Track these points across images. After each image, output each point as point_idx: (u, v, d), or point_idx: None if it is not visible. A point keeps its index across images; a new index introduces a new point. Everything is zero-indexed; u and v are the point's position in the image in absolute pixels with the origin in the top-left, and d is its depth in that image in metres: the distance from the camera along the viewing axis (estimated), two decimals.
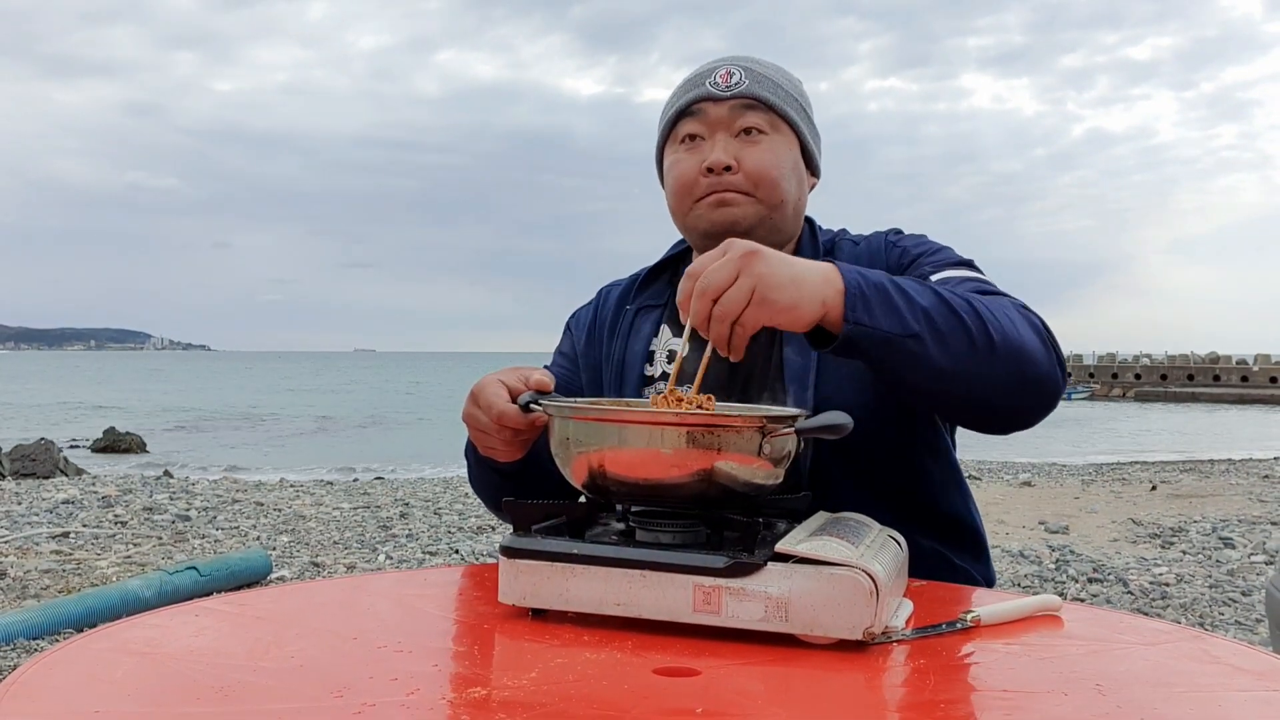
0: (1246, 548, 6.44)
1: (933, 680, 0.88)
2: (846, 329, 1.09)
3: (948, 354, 1.13)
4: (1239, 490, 9.89)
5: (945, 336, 1.13)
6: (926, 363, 1.13)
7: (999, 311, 1.18)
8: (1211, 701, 0.85)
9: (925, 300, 1.13)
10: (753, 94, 1.40)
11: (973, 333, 1.14)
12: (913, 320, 1.11)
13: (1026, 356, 1.18)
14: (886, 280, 1.14)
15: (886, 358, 1.13)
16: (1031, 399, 1.22)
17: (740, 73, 1.41)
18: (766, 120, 1.40)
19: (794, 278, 1.08)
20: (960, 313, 1.14)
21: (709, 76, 1.42)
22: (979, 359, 1.15)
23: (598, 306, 1.62)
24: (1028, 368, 1.18)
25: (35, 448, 11.58)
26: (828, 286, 1.09)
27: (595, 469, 1.04)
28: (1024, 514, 8.09)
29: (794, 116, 1.43)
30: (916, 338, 1.11)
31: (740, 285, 1.05)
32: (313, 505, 8.19)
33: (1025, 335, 1.19)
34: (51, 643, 3.92)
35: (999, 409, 1.23)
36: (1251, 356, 53.95)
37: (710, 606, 0.96)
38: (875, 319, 1.10)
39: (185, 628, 1.00)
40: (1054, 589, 5.24)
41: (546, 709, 0.77)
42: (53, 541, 6.23)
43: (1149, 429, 27.88)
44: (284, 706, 0.78)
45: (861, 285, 1.10)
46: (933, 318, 1.13)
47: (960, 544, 1.42)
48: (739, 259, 1.06)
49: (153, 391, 54.29)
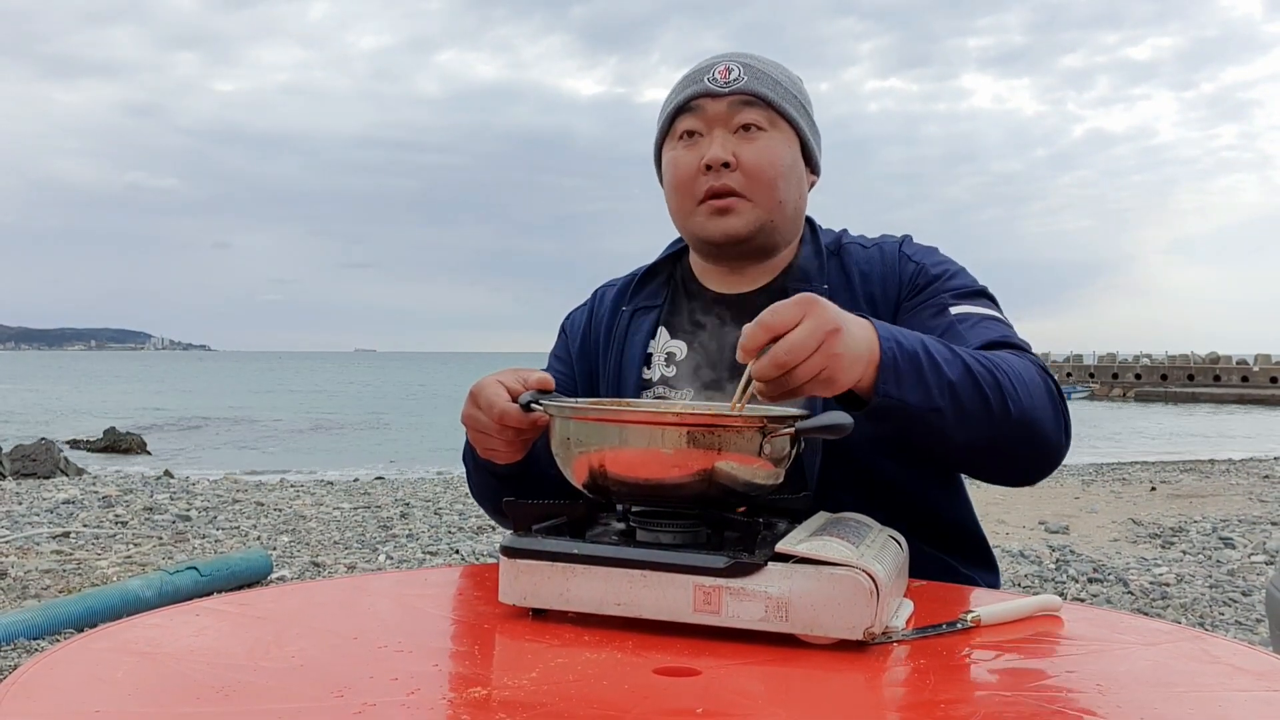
0: (1247, 548, 6.44)
1: (933, 680, 0.88)
2: (876, 400, 1.09)
3: (964, 427, 1.15)
4: (1239, 490, 9.90)
5: (966, 411, 1.14)
6: (942, 434, 1.15)
7: (1019, 381, 1.18)
8: (1212, 702, 0.85)
9: (954, 373, 1.13)
10: (752, 90, 1.39)
11: (992, 408, 1.15)
12: (938, 395, 1.12)
13: (1038, 428, 1.19)
14: (920, 348, 1.13)
15: (906, 427, 1.14)
16: (1035, 465, 1.25)
17: (739, 69, 1.40)
18: (765, 117, 1.39)
19: (857, 356, 1.06)
20: (985, 387, 1.15)
21: (708, 72, 1.41)
22: (993, 431, 1.16)
23: (593, 308, 1.60)
24: (1037, 439, 1.20)
25: (36, 448, 11.59)
26: (869, 356, 1.08)
27: (596, 469, 1.04)
28: (1024, 514, 8.09)
29: (793, 113, 1.42)
30: (938, 412, 1.12)
31: (814, 362, 1.01)
32: (313, 505, 8.19)
33: (1039, 405, 1.20)
34: (52, 643, 3.92)
35: (1001, 472, 1.27)
36: (1252, 356, 53.93)
37: (710, 606, 0.96)
38: (903, 391, 1.10)
39: (186, 628, 1.00)
40: (1054, 589, 5.24)
41: (547, 709, 0.77)
42: (53, 541, 6.23)
43: (1149, 429, 27.88)
44: (284, 706, 0.78)
45: (896, 355, 1.10)
46: (958, 393, 1.13)
47: (965, 552, 1.41)
48: (823, 334, 1.01)
49: (154, 392, 54.28)
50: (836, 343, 1.02)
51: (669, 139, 1.45)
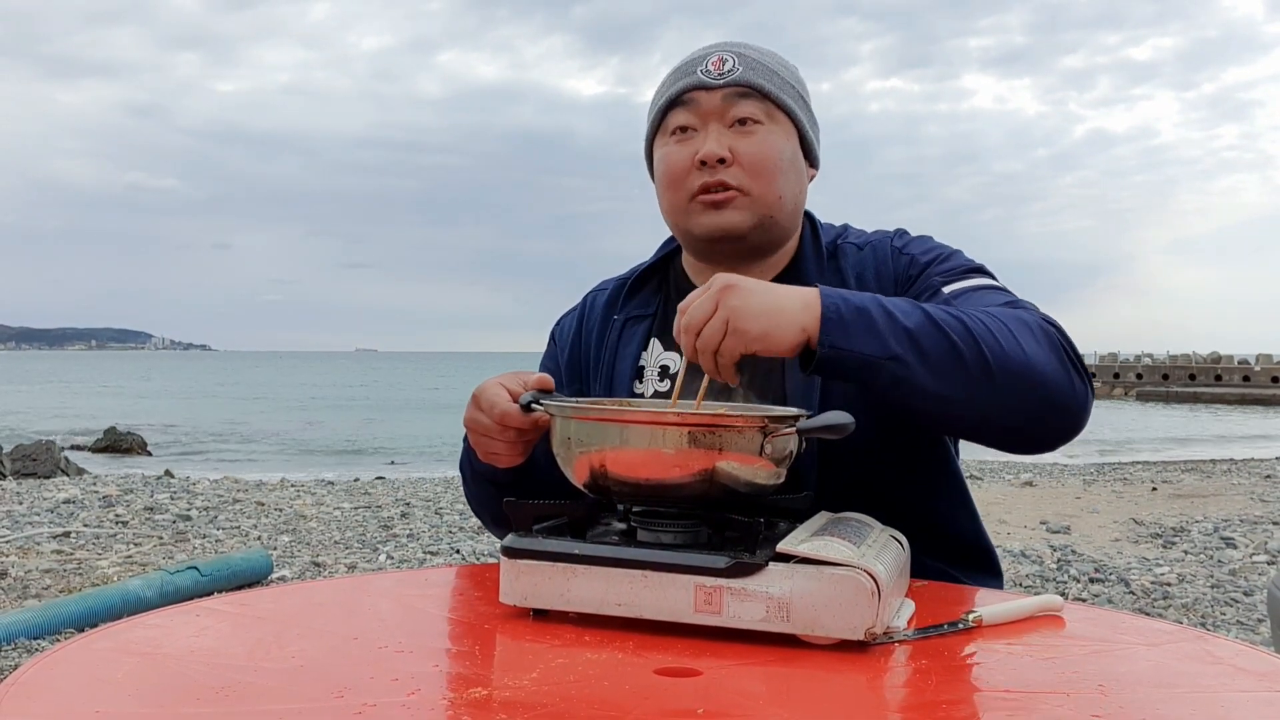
0: (1248, 548, 6.44)
1: (934, 681, 0.88)
2: (823, 351, 1.10)
3: (936, 376, 1.11)
4: (1241, 490, 9.89)
5: (930, 358, 1.11)
6: (912, 385, 1.11)
7: (1000, 329, 1.13)
8: (1213, 702, 0.85)
9: (910, 322, 1.12)
10: (747, 81, 1.33)
11: (963, 353, 1.11)
12: (894, 342, 1.10)
13: (1035, 377, 1.13)
14: (871, 302, 1.13)
15: (870, 380, 1.12)
16: (1045, 421, 1.16)
17: (733, 59, 1.34)
18: (762, 109, 1.34)
19: (768, 307, 1.11)
20: (949, 332, 1.11)
21: (700, 64, 1.35)
22: (974, 380, 1.11)
23: (583, 315, 1.56)
24: (1038, 389, 1.13)
25: (36, 448, 11.59)
26: (806, 312, 1.11)
27: (597, 469, 1.04)
28: (1025, 514, 8.08)
29: (791, 105, 1.36)
30: (897, 359, 1.10)
31: (716, 319, 1.09)
32: (313, 505, 8.19)
33: (1033, 353, 1.13)
34: (52, 643, 3.92)
35: (1010, 432, 1.19)
36: (1253, 356, 53.90)
37: (711, 607, 0.95)
38: (852, 341, 1.10)
39: (186, 628, 1.00)
40: (1055, 589, 5.24)
41: (547, 709, 0.77)
42: (54, 541, 6.23)
43: (1150, 429, 27.87)
44: (285, 707, 0.78)
45: (840, 309, 1.11)
46: (916, 339, 1.11)
47: (969, 563, 1.39)
48: (716, 293, 1.10)
49: (155, 393, 54.34)
50: (731, 295, 1.10)
51: (660, 134, 1.39)
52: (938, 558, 1.32)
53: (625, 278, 1.54)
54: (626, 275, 1.55)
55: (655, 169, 1.41)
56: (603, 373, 1.47)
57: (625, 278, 1.54)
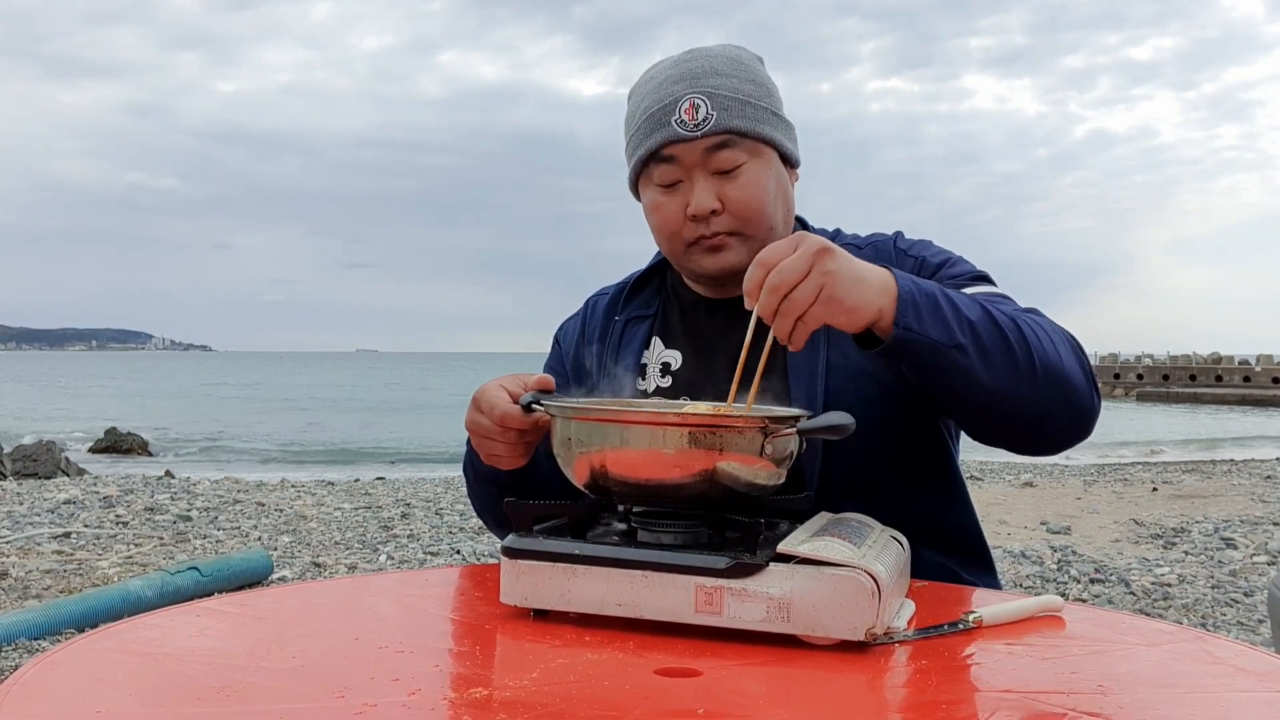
0: (1249, 548, 6.44)
1: (935, 681, 0.88)
2: (897, 333, 1.10)
3: (990, 369, 1.14)
4: (1241, 491, 9.88)
5: (989, 351, 1.14)
6: (969, 375, 1.14)
7: (1041, 333, 1.19)
8: (1214, 702, 0.85)
9: (972, 314, 1.14)
10: (724, 128, 1.32)
11: (1015, 351, 1.15)
12: (959, 331, 1.12)
13: (1068, 381, 1.19)
14: (937, 290, 1.14)
15: (931, 365, 1.13)
16: (1070, 424, 1.22)
17: (704, 104, 1.32)
18: (743, 150, 1.33)
19: (859, 279, 1.08)
20: (1005, 330, 1.15)
21: (673, 113, 1.33)
22: (1021, 378, 1.16)
23: (585, 318, 1.59)
24: (1069, 392, 1.19)
25: (37, 448, 11.60)
26: (885, 293, 1.10)
27: (597, 469, 1.04)
28: (1026, 514, 8.08)
29: (767, 132, 1.36)
30: (961, 349, 1.12)
31: (810, 282, 1.05)
32: (314, 505, 8.19)
33: (1066, 359, 1.19)
34: (53, 643, 3.92)
35: (1040, 431, 1.23)
36: (1254, 357, 53.89)
37: (712, 607, 0.96)
38: (924, 326, 1.10)
39: (187, 628, 1.00)
40: (1056, 589, 5.24)
41: (548, 709, 0.77)
42: (54, 542, 6.23)
43: (1151, 429, 27.86)
44: (285, 707, 0.78)
45: (914, 292, 1.11)
46: (978, 331, 1.14)
47: (968, 558, 1.40)
48: (812, 255, 1.05)
49: (156, 393, 54.36)
50: (828, 260, 1.06)
51: (644, 180, 1.40)
52: (936, 550, 1.34)
53: (625, 281, 1.57)
54: (626, 279, 1.58)
55: (646, 213, 1.42)
56: (605, 372, 1.49)
57: (625, 281, 1.57)
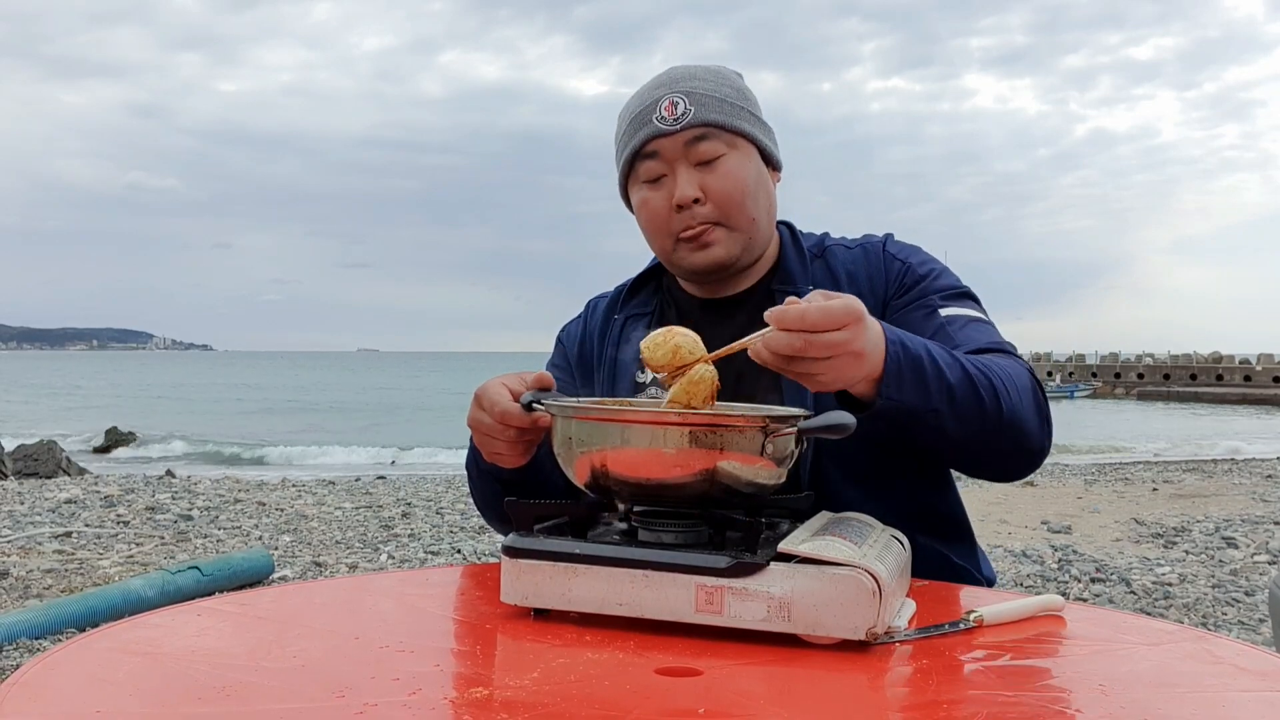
0: (1249, 547, 6.44)
1: (935, 680, 0.88)
2: (880, 404, 1.13)
3: (960, 428, 1.19)
4: (1242, 490, 9.88)
5: (962, 413, 1.18)
6: (938, 434, 1.20)
7: (1009, 384, 1.23)
8: (1215, 702, 0.85)
9: (953, 377, 1.17)
10: (702, 120, 1.38)
11: (987, 410, 1.20)
12: (937, 396, 1.16)
13: (1026, 431, 1.25)
14: (924, 352, 1.16)
15: (906, 426, 1.17)
16: (1019, 465, 1.31)
17: (683, 101, 1.39)
18: (722, 142, 1.39)
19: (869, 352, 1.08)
20: (980, 390, 1.19)
21: (654, 111, 1.40)
22: (986, 433, 1.21)
23: (586, 318, 1.64)
24: (1024, 440, 1.26)
25: (38, 448, 11.60)
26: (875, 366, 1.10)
27: (598, 469, 1.04)
28: (1026, 514, 8.08)
29: (745, 128, 1.42)
30: (936, 413, 1.16)
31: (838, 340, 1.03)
32: (315, 505, 8.19)
33: (1027, 408, 1.25)
34: (54, 642, 3.92)
35: (988, 469, 1.32)
36: (1254, 356, 53.87)
37: (712, 606, 0.95)
38: (904, 395, 1.13)
39: (187, 627, 1.00)
40: (1057, 589, 5.23)
41: (548, 709, 0.77)
42: (55, 541, 6.23)
43: (1152, 428, 27.85)
44: (286, 706, 0.78)
45: (900, 361, 1.13)
46: (955, 395, 1.17)
47: (958, 543, 1.43)
48: (855, 323, 1.04)
49: (157, 393, 54.35)
50: (863, 334, 1.06)
51: (633, 181, 1.46)
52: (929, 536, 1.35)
53: (624, 284, 1.62)
54: (625, 282, 1.63)
55: (636, 212, 1.48)
56: (605, 367, 1.53)
57: (624, 284, 1.62)
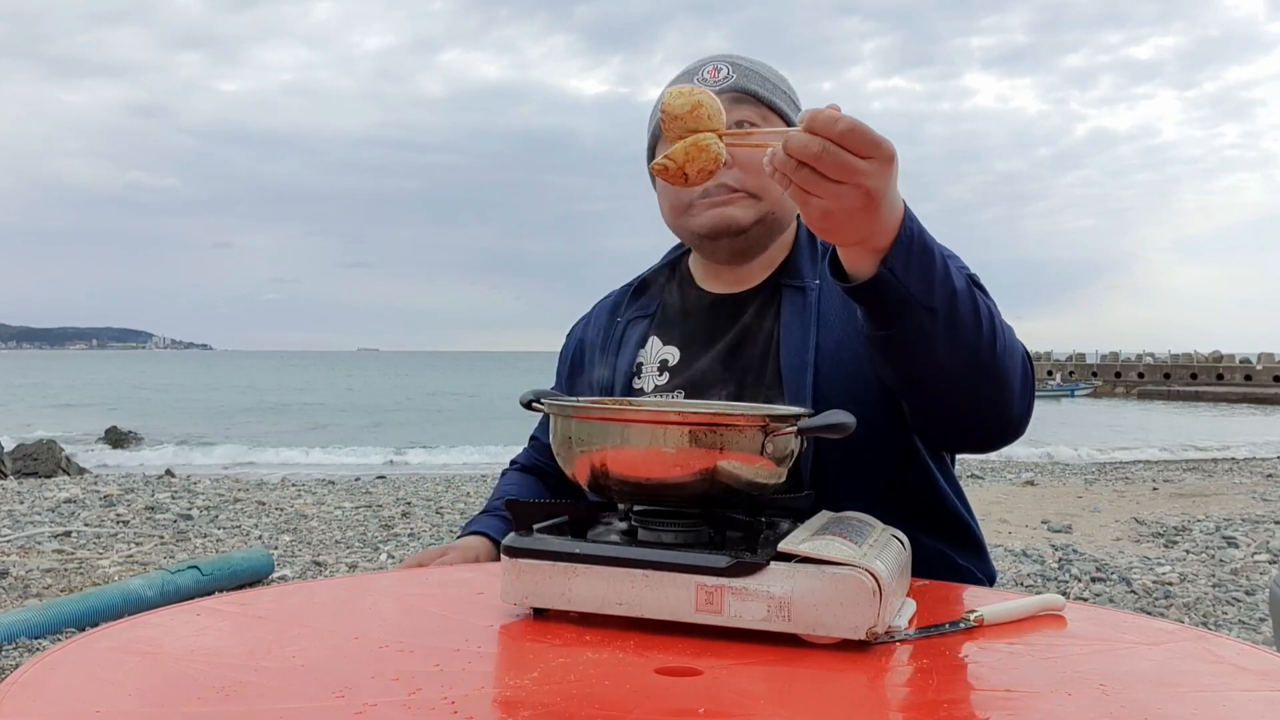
0: (1250, 547, 6.44)
1: (936, 680, 0.88)
2: (880, 272, 1.05)
3: (950, 345, 1.12)
4: (1242, 489, 9.88)
5: (957, 326, 1.12)
6: (926, 343, 1.12)
7: (1008, 334, 1.20)
8: (1215, 702, 0.85)
9: (958, 284, 1.12)
10: (742, 87, 1.41)
11: (982, 338, 1.14)
12: (939, 295, 1.09)
13: (1010, 385, 1.21)
14: (937, 248, 1.11)
15: (897, 318, 1.10)
16: (995, 425, 1.25)
17: (728, 68, 1.43)
18: (757, 113, 1.41)
19: (890, 207, 1.02)
20: (980, 315, 1.14)
21: (697, 73, 1.44)
22: (973, 366, 1.15)
23: (589, 322, 1.64)
24: (1006, 395, 1.21)
25: (37, 447, 11.60)
26: (887, 228, 1.04)
27: (597, 468, 1.04)
28: (1027, 513, 8.08)
29: (784, 108, 1.44)
30: (932, 313, 1.09)
31: (844, 189, 0.97)
32: (314, 504, 8.19)
33: (1015, 362, 1.22)
34: (53, 642, 3.92)
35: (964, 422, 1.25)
36: (1255, 355, 53.89)
37: (712, 606, 0.95)
38: (909, 276, 1.06)
39: (187, 627, 1.00)
40: (1057, 588, 5.24)
41: (548, 709, 0.77)
42: (55, 541, 6.23)
43: (1152, 428, 27.85)
44: (286, 706, 0.78)
45: (913, 239, 1.06)
46: (955, 304, 1.11)
47: (962, 544, 1.42)
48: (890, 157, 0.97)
49: (157, 393, 54.39)
50: (884, 175, 0.97)
51: (661, 142, 1.43)
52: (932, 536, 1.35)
53: (631, 283, 1.61)
54: (634, 280, 1.61)
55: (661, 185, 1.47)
56: (605, 372, 1.52)
57: (631, 283, 1.61)
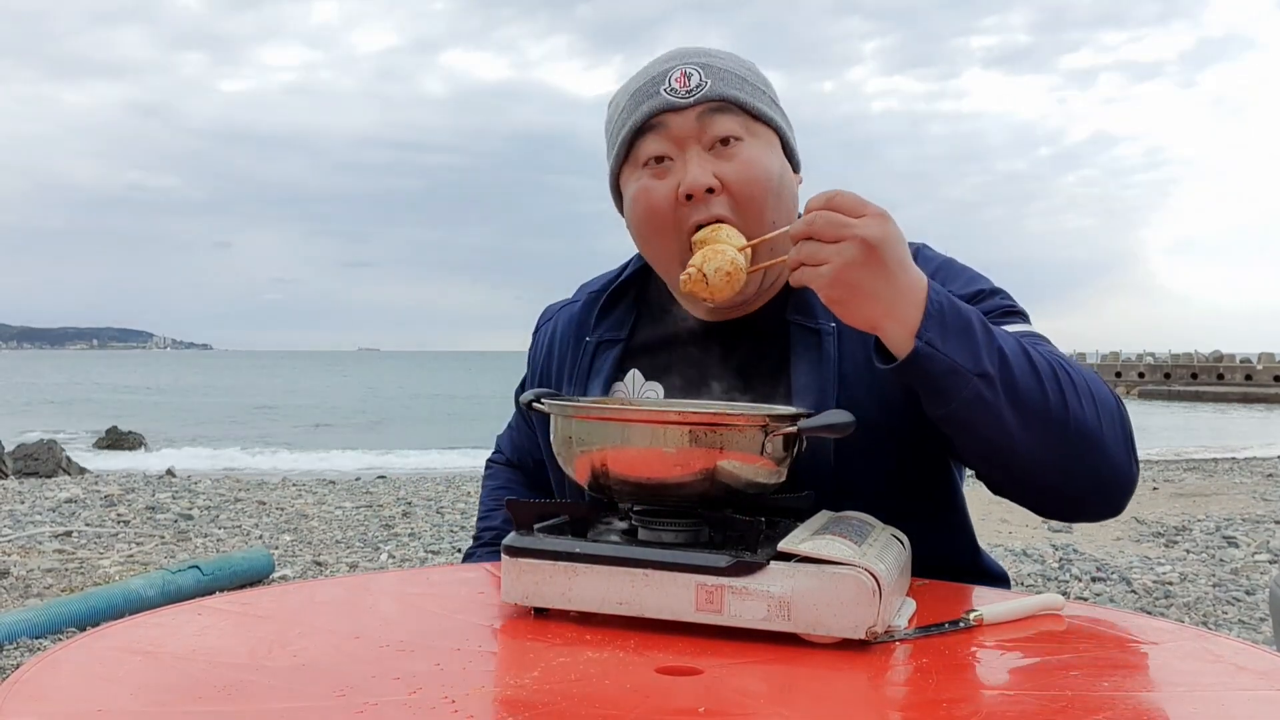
0: (1250, 547, 6.43)
1: (935, 680, 0.88)
2: (917, 345, 0.99)
3: (1014, 409, 1.02)
4: (1243, 489, 9.88)
5: (1016, 388, 1.02)
6: (989, 411, 1.02)
7: (1084, 387, 1.06)
8: (1215, 701, 0.85)
9: (1006, 344, 1.03)
10: (721, 95, 1.19)
11: (1049, 397, 1.03)
12: (988, 360, 1.01)
13: (1103, 445, 1.07)
14: (972, 311, 1.04)
15: (950, 392, 1.02)
16: (1099, 494, 1.10)
17: (698, 72, 1.19)
18: (741, 124, 1.20)
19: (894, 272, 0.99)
20: (1040, 371, 1.03)
21: (662, 82, 1.20)
22: (1046, 427, 1.04)
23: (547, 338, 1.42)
24: (1099, 461, 1.07)
25: (38, 447, 11.60)
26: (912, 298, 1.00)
27: (598, 468, 1.04)
28: (1027, 513, 8.05)
29: (769, 113, 1.23)
30: (986, 378, 1.00)
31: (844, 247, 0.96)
32: (315, 504, 8.19)
33: (1106, 421, 1.07)
34: (54, 642, 3.92)
35: (1062, 494, 1.11)
36: (1255, 355, 53.87)
37: (713, 606, 0.95)
38: (948, 345, 1.00)
39: (188, 627, 1.00)
40: (1057, 588, 5.24)
41: (548, 708, 0.77)
42: (55, 540, 6.24)
43: (1152, 428, 27.85)
44: (286, 706, 0.78)
45: (944, 307, 1.01)
46: (1009, 364, 1.02)
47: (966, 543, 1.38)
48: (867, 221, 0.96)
49: (157, 392, 54.40)
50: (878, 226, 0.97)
51: (629, 165, 1.24)
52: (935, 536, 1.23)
53: (597, 292, 1.39)
54: (598, 289, 1.40)
55: (629, 207, 1.25)
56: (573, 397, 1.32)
57: (597, 292, 1.39)
